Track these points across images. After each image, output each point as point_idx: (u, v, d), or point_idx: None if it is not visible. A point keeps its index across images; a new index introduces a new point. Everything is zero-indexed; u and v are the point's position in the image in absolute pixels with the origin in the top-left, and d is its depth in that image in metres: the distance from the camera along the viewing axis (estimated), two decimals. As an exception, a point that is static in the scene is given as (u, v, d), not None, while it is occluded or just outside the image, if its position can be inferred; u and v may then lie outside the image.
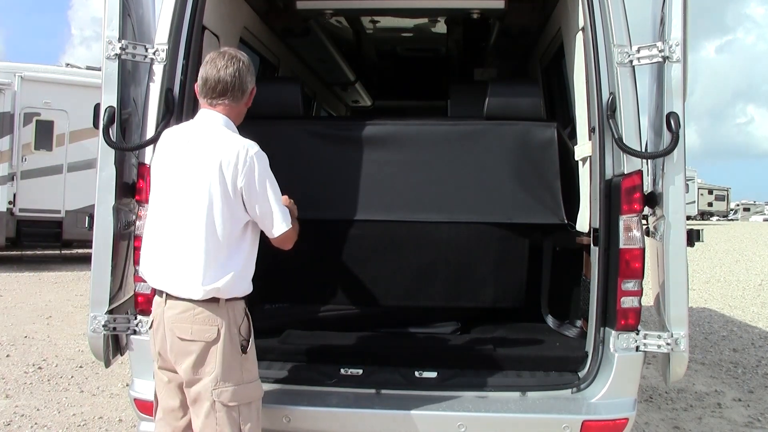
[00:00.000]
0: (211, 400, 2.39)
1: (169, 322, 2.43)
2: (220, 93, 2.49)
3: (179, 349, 2.43)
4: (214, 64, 2.49)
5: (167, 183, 2.51)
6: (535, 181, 3.31)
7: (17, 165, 12.89)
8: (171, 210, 2.46)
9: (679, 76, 2.73)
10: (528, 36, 4.92)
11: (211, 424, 2.40)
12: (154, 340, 2.53)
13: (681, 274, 2.74)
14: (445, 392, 2.88)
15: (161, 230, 2.49)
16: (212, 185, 2.39)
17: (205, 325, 2.40)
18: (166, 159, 2.54)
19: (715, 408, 5.18)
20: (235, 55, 2.53)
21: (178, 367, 2.45)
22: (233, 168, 2.39)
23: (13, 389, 5.34)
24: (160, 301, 2.48)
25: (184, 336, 2.41)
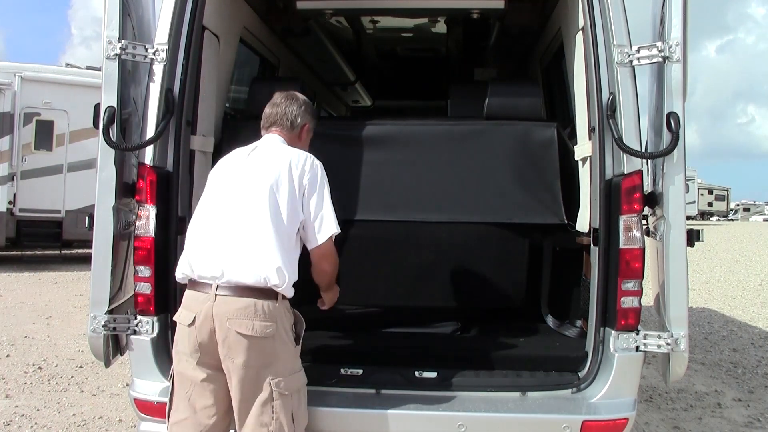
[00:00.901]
0: (269, 390, 2.48)
1: (225, 317, 2.46)
2: (271, 123, 2.83)
3: (235, 344, 2.46)
4: (271, 101, 2.86)
5: (229, 186, 2.63)
6: (535, 181, 3.31)
7: (17, 165, 12.89)
8: (233, 211, 2.57)
9: (679, 76, 2.73)
10: (528, 36, 4.92)
11: (267, 413, 2.48)
12: (196, 336, 2.51)
13: (681, 274, 2.73)
14: (445, 392, 2.88)
15: (218, 229, 2.56)
16: (281, 186, 2.56)
17: (266, 321, 2.48)
18: (226, 167, 2.72)
19: (715, 408, 5.18)
20: (292, 94, 2.88)
21: (230, 361, 2.48)
22: (300, 168, 2.61)
23: (13, 389, 5.34)
24: (206, 297, 2.50)
25: (245, 332, 2.45)
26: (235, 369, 2.48)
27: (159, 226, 2.90)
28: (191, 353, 2.54)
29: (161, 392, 2.86)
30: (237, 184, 2.62)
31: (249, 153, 2.71)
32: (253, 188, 2.57)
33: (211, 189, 2.70)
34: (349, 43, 5.54)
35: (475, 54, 5.70)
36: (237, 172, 2.66)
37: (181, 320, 2.58)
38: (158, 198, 2.91)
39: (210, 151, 3.48)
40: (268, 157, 2.66)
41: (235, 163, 2.71)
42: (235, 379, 2.49)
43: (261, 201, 2.54)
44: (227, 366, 2.50)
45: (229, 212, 2.58)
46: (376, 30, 5.17)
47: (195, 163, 3.26)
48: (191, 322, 2.52)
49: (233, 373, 2.49)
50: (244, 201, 2.57)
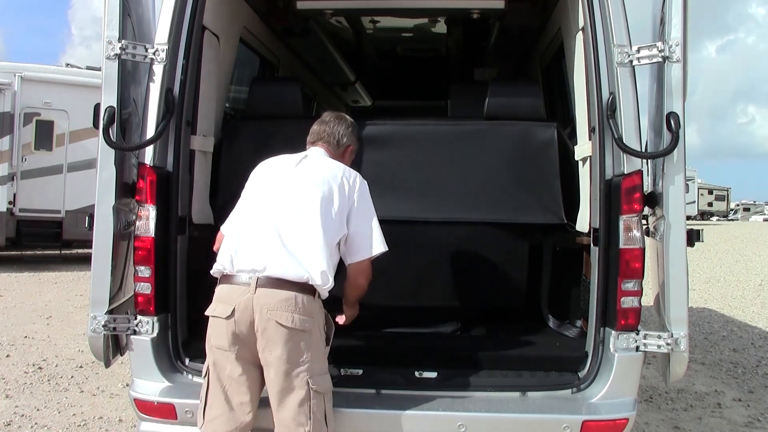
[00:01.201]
0: (306, 388, 2.50)
1: (266, 308, 2.49)
2: (317, 138, 2.92)
3: (274, 335, 2.49)
4: (320, 118, 2.97)
5: (278, 188, 2.68)
6: (535, 181, 3.31)
7: (17, 165, 12.89)
8: (282, 212, 2.62)
9: (679, 76, 2.73)
10: (528, 36, 4.92)
11: (304, 411, 2.49)
12: (234, 327, 2.52)
13: (681, 274, 2.73)
14: (445, 392, 2.87)
15: (264, 228, 2.59)
16: (333, 195, 2.65)
17: (305, 316, 2.53)
18: (273, 170, 2.78)
19: (715, 408, 5.18)
20: (341, 115, 2.99)
21: (268, 353, 2.50)
22: (351, 183, 2.72)
23: (13, 389, 5.34)
24: (245, 289, 2.52)
25: (286, 323, 2.49)
26: (273, 361, 2.50)
27: (159, 226, 2.90)
28: (229, 346, 2.54)
29: (161, 392, 2.86)
30: (287, 187, 2.68)
31: (299, 160, 2.77)
32: (305, 193, 2.64)
33: (257, 189, 2.74)
34: (349, 43, 5.54)
35: (475, 54, 5.70)
36: (287, 175, 2.72)
37: (217, 313, 2.57)
38: (158, 198, 2.91)
39: (210, 151, 3.48)
40: (320, 166, 2.75)
41: (283, 167, 2.77)
42: (273, 371, 2.51)
43: (312, 206, 2.61)
44: (265, 358, 2.52)
45: (277, 213, 2.62)
46: (376, 30, 5.17)
47: (195, 163, 3.26)
48: (230, 314, 2.53)
49: (271, 365, 2.51)
50: (295, 204, 2.62)
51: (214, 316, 2.59)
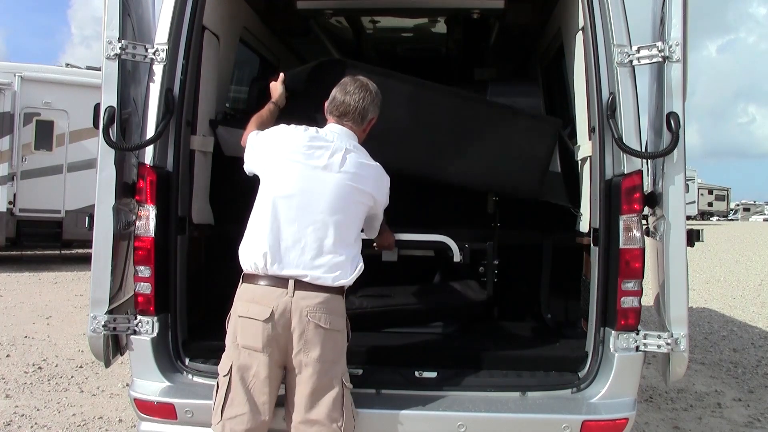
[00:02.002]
0: (340, 386, 2.56)
1: (306, 311, 2.52)
2: (342, 113, 2.75)
3: (313, 337, 2.52)
4: (343, 87, 2.78)
5: (311, 179, 2.61)
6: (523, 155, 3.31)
7: (17, 165, 12.89)
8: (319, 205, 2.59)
9: (679, 76, 2.73)
10: (528, 36, 4.92)
11: (338, 408, 2.54)
12: (271, 331, 2.51)
13: (681, 274, 2.73)
14: (445, 392, 2.87)
15: (299, 221, 2.57)
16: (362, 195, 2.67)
17: (338, 316, 2.60)
18: (301, 153, 2.64)
19: (715, 408, 5.18)
20: (365, 84, 2.79)
21: (304, 355, 2.52)
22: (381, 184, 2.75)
23: (13, 389, 5.34)
24: (282, 292, 2.52)
25: (324, 325, 2.53)
26: (310, 362, 2.52)
27: (159, 226, 2.90)
28: (263, 348, 2.53)
29: (161, 392, 2.86)
30: (333, 182, 2.61)
31: (344, 153, 2.65)
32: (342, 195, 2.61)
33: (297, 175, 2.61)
34: (349, 43, 5.53)
35: (475, 54, 5.70)
36: (332, 168, 2.62)
37: (254, 315, 2.54)
38: (158, 198, 2.91)
39: (210, 151, 3.48)
40: (361, 164, 2.68)
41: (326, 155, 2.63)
42: (309, 371, 2.52)
43: (347, 210, 2.63)
44: (301, 359, 2.53)
45: (313, 213, 2.58)
46: (376, 30, 5.17)
47: (195, 163, 3.26)
48: (268, 317, 2.51)
49: (308, 366, 2.52)
50: (332, 207, 2.59)
51: (250, 318, 2.55)
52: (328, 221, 2.58)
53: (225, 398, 2.58)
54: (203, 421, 2.72)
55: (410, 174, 3.23)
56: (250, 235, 2.63)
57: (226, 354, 2.63)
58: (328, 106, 2.80)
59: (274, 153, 2.68)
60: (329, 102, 2.79)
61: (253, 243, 2.60)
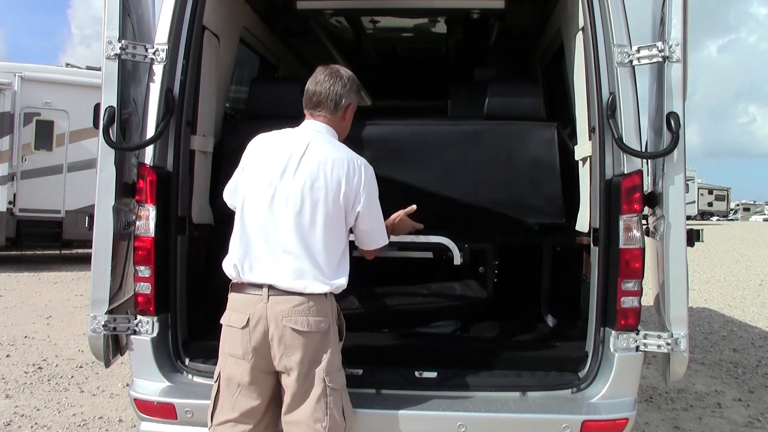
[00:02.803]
0: (323, 385, 2.51)
1: (281, 315, 2.48)
2: (315, 104, 2.67)
3: (292, 342, 2.49)
4: (314, 77, 2.69)
5: (271, 184, 2.54)
6: (535, 181, 3.31)
7: (17, 165, 12.88)
8: (286, 214, 2.52)
9: (679, 76, 2.73)
10: (528, 36, 4.92)
11: (321, 408, 2.51)
12: (249, 338, 2.50)
13: (681, 274, 2.73)
14: (445, 392, 2.87)
15: (264, 229, 2.53)
16: (338, 191, 2.54)
17: (319, 317, 2.53)
18: (264, 161, 2.59)
19: (715, 408, 5.18)
20: (336, 70, 2.70)
21: (287, 359, 2.49)
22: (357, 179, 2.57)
23: (13, 389, 5.34)
24: (258, 298, 2.50)
25: (301, 328, 2.49)
26: (292, 366, 2.50)
27: (159, 226, 2.90)
28: (243, 355, 2.53)
29: (161, 392, 2.86)
30: (292, 187, 2.53)
31: (303, 150, 2.56)
32: (311, 195, 2.52)
33: (259, 183, 2.56)
34: (349, 43, 5.53)
35: (475, 54, 5.70)
36: (291, 172, 2.54)
37: (232, 323, 2.55)
38: (158, 198, 2.91)
39: (210, 151, 3.48)
40: (326, 160, 2.55)
41: (286, 157, 2.56)
42: (293, 375, 2.51)
43: (319, 210, 2.52)
44: (284, 364, 2.51)
45: (283, 217, 2.52)
46: (376, 30, 5.17)
47: (195, 163, 3.26)
48: (245, 324, 2.51)
49: (290, 370, 2.51)
50: (302, 208, 2.51)
51: (230, 326, 2.57)
52: (295, 226, 2.51)
53: (215, 404, 2.60)
54: (203, 422, 2.71)
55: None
56: (230, 246, 2.62)
57: (218, 361, 2.65)
58: (303, 100, 2.71)
59: (245, 169, 2.66)
60: (304, 96, 2.71)
61: (230, 253, 2.60)
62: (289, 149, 2.58)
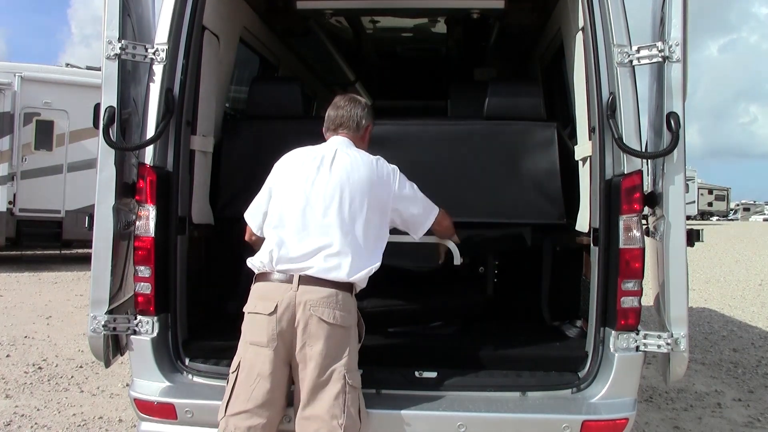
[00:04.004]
0: (342, 382, 2.56)
1: (309, 304, 2.55)
2: (338, 125, 2.92)
3: (316, 331, 2.54)
4: (334, 104, 2.96)
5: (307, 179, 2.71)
6: (535, 180, 3.31)
7: (17, 165, 12.89)
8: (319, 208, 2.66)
9: (679, 76, 2.73)
10: (528, 36, 4.92)
11: (339, 405, 2.54)
12: (275, 325, 2.55)
13: (681, 274, 2.73)
14: (445, 392, 2.87)
15: (304, 228, 2.65)
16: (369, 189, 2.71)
17: (346, 312, 2.61)
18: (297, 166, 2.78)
19: (715, 408, 5.18)
20: (354, 97, 3.00)
21: (308, 348, 2.54)
22: (385, 176, 2.78)
23: (13, 389, 5.34)
24: (287, 286, 2.58)
25: (328, 319, 2.56)
26: (312, 356, 2.54)
27: (159, 226, 2.90)
28: (268, 342, 2.56)
29: (161, 392, 2.86)
30: (324, 185, 2.69)
31: (332, 157, 2.77)
32: (343, 192, 2.68)
33: (291, 186, 2.74)
34: (349, 43, 5.53)
35: (475, 54, 5.70)
36: (323, 174, 2.72)
37: (259, 310, 2.60)
38: (158, 198, 2.91)
39: (210, 151, 3.48)
40: (353, 162, 2.76)
41: (316, 162, 2.76)
42: (311, 365, 2.54)
43: (351, 205, 2.67)
44: (305, 353, 2.55)
45: (316, 212, 2.66)
46: (376, 30, 5.17)
47: (195, 163, 3.26)
48: (272, 311, 2.55)
49: (310, 360, 2.55)
50: (334, 203, 2.66)
51: (256, 313, 2.60)
52: (330, 220, 2.64)
53: (230, 394, 2.60)
54: (203, 421, 2.72)
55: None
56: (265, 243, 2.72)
57: (237, 352, 2.67)
58: (325, 125, 2.95)
59: (277, 180, 2.81)
60: (325, 122, 2.95)
61: (263, 247, 2.70)
62: (319, 153, 2.79)
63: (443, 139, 3.44)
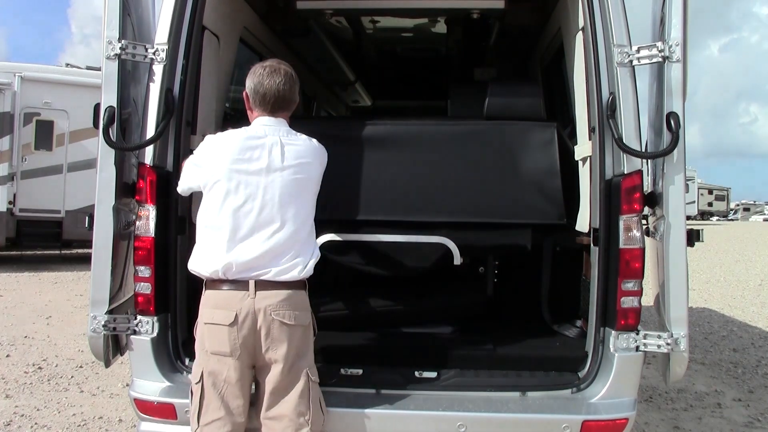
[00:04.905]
0: (306, 379, 2.58)
1: (269, 309, 2.52)
2: (276, 105, 2.69)
3: (279, 335, 2.53)
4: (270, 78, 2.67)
5: (243, 178, 2.57)
6: (535, 180, 3.31)
7: (17, 165, 12.89)
8: (259, 207, 2.56)
9: (679, 76, 2.73)
10: (528, 36, 4.92)
11: (304, 402, 2.57)
12: (237, 334, 2.51)
13: (681, 274, 2.73)
14: (445, 392, 2.87)
15: (242, 223, 2.55)
16: (309, 178, 2.66)
17: (303, 311, 2.61)
18: (232, 157, 2.59)
19: (715, 408, 5.18)
20: (288, 72, 2.72)
21: (273, 353, 2.53)
22: (321, 158, 2.73)
23: (13, 389, 5.34)
24: (244, 294, 2.52)
25: (288, 321, 2.55)
26: (277, 359, 2.54)
27: (159, 226, 2.90)
28: (231, 352, 2.53)
29: (161, 392, 2.86)
30: (266, 179, 2.57)
31: (269, 151, 2.60)
32: (285, 184, 2.59)
33: (232, 189, 2.57)
34: (349, 43, 5.53)
35: (475, 54, 5.70)
36: (260, 172, 2.58)
37: (218, 321, 2.54)
38: (158, 198, 2.91)
39: (210, 151, 3.47)
40: (293, 148, 2.64)
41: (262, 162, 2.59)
42: (276, 369, 2.54)
43: (294, 198, 2.61)
44: (269, 357, 2.54)
45: (260, 209, 2.56)
46: (376, 30, 5.17)
47: None
48: (233, 321, 2.51)
49: (275, 363, 2.55)
50: (278, 198, 2.58)
51: (215, 323, 2.54)
52: (282, 220, 2.57)
53: (200, 405, 2.59)
54: (203, 421, 2.72)
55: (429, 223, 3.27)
56: (205, 245, 2.60)
57: (197, 362, 2.64)
58: (250, 99, 2.72)
59: (214, 165, 2.61)
60: (250, 95, 2.71)
61: (210, 252, 2.57)
62: (267, 145, 2.62)
63: (443, 139, 3.44)
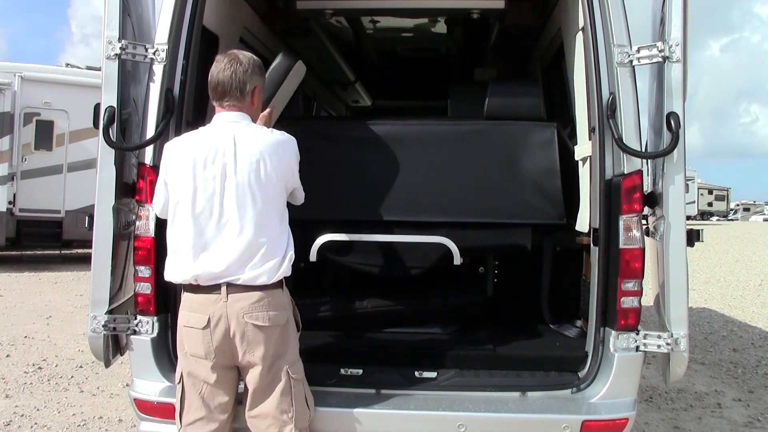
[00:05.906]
0: (286, 378, 2.57)
1: (241, 312, 2.50)
2: (221, 95, 2.64)
3: (254, 338, 2.51)
4: (216, 67, 2.66)
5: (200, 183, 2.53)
6: (535, 180, 3.31)
7: (17, 165, 12.91)
8: (225, 210, 2.52)
9: (679, 76, 2.73)
10: (528, 36, 4.92)
11: (286, 400, 2.56)
12: (210, 338, 2.51)
13: (681, 274, 2.73)
14: (445, 392, 2.88)
15: (214, 229, 2.52)
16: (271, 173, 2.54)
17: (279, 310, 2.57)
18: (189, 162, 2.55)
19: (715, 408, 5.18)
20: (235, 56, 2.66)
21: (250, 355, 2.52)
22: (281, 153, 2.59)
23: (13, 389, 5.34)
24: (217, 297, 2.51)
25: (262, 323, 2.52)
26: (255, 361, 2.53)
27: (159, 226, 2.90)
28: (206, 355, 2.54)
29: (161, 392, 2.86)
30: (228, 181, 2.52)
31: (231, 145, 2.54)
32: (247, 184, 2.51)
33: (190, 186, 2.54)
34: (349, 43, 5.53)
35: (475, 54, 5.70)
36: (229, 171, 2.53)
37: (192, 324, 2.55)
38: None
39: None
40: (254, 147, 2.54)
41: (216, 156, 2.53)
42: (255, 370, 2.54)
43: (259, 196, 2.53)
44: (247, 360, 2.54)
45: (225, 212, 2.52)
46: (376, 30, 5.17)
47: None
48: (205, 324, 2.52)
49: (254, 366, 2.54)
50: (241, 199, 2.51)
51: (190, 327, 2.56)
52: (240, 225, 2.51)
53: (181, 405, 2.62)
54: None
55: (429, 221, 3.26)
56: (173, 254, 2.59)
57: (178, 362, 2.67)
58: (209, 92, 2.67)
59: (175, 175, 2.59)
60: (209, 87, 2.67)
61: (178, 261, 2.57)
62: (221, 147, 2.55)
63: (443, 139, 3.44)
